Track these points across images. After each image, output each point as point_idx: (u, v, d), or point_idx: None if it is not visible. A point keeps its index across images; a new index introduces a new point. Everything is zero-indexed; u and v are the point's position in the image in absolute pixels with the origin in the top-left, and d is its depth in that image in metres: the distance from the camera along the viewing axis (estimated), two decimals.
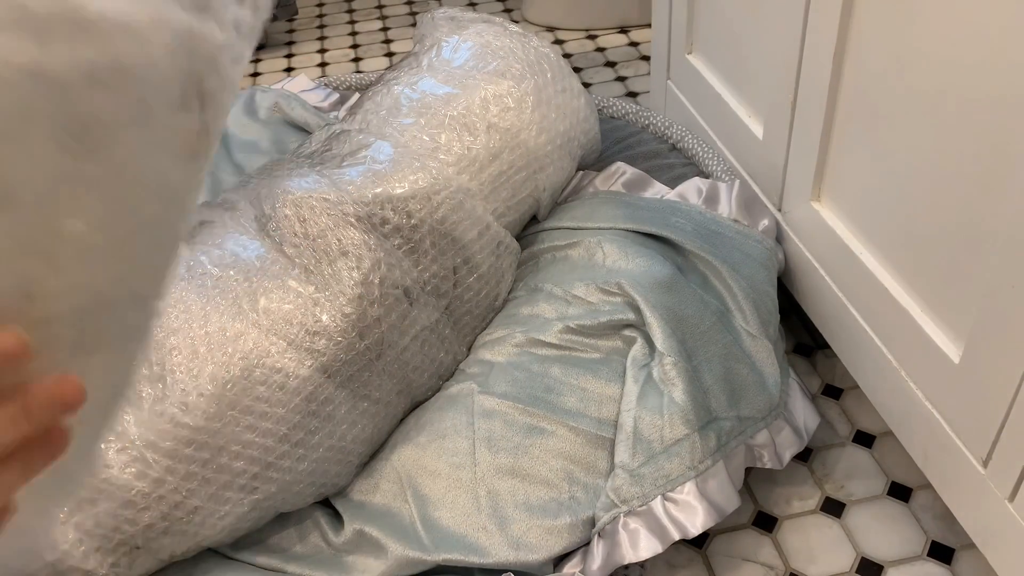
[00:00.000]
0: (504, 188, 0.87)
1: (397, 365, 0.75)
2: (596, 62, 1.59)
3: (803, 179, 0.82)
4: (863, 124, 0.72)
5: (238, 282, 0.70)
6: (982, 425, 0.62)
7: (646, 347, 0.77)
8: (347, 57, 1.72)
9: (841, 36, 0.71)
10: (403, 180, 0.79)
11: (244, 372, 0.66)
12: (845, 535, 0.78)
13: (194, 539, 0.67)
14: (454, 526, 0.70)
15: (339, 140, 0.86)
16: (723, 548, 0.79)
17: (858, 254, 0.75)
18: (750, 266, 0.85)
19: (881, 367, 0.75)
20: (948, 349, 0.65)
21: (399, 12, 1.89)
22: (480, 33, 0.94)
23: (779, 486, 0.83)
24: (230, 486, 0.66)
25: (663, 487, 0.70)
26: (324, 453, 0.70)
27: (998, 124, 0.56)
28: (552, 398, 0.76)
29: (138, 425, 0.63)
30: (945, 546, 0.77)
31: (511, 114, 0.88)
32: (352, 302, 0.72)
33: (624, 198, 0.94)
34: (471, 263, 0.82)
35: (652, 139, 1.08)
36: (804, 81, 0.78)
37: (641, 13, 1.66)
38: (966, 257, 0.62)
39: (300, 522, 0.73)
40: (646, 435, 0.72)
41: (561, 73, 0.93)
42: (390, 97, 0.89)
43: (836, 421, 0.89)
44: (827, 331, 0.86)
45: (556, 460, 0.72)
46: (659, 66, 1.17)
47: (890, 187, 0.70)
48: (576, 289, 0.83)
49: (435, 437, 0.75)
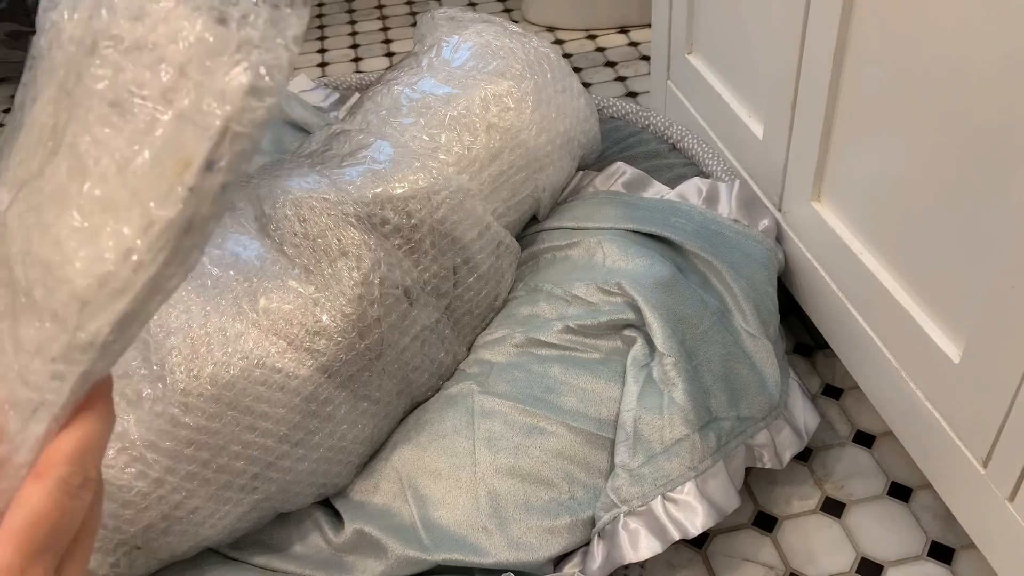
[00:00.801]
0: (504, 188, 0.87)
1: (397, 365, 0.75)
2: (596, 62, 1.59)
3: (803, 179, 0.82)
4: (863, 124, 0.72)
5: (238, 282, 0.70)
6: (982, 425, 0.62)
7: (646, 347, 0.77)
8: (347, 57, 1.72)
9: (841, 36, 0.71)
10: (403, 180, 0.79)
11: (244, 372, 0.66)
12: (845, 535, 0.78)
13: (194, 539, 0.67)
14: (454, 526, 0.70)
15: (339, 140, 0.86)
16: (723, 548, 0.79)
17: (858, 254, 0.75)
18: (750, 266, 0.85)
19: (881, 367, 0.75)
20: (948, 349, 0.65)
21: (399, 12, 1.89)
22: (480, 33, 0.94)
23: (779, 486, 0.83)
24: (230, 486, 0.66)
25: (663, 487, 0.70)
26: (324, 453, 0.70)
27: (998, 124, 0.56)
28: (552, 398, 0.76)
29: (138, 425, 0.63)
30: (945, 546, 0.77)
31: (511, 114, 0.88)
32: (352, 302, 0.72)
33: (624, 198, 0.94)
34: (471, 263, 0.82)
35: (652, 139, 1.08)
36: (804, 81, 0.78)
37: (641, 13, 1.66)
38: (966, 257, 0.62)
39: (300, 522, 0.73)
40: (646, 435, 0.72)
41: (561, 73, 0.93)
42: (390, 97, 0.89)
43: (836, 421, 0.89)
44: (827, 331, 0.86)
45: (556, 460, 0.72)
46: (659, 66, 1.17)
47: (890, 187, 0.70)
48: (576, 289, 0.83)
49: (435, 437, 0.75)
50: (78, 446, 0.28)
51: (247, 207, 0.78)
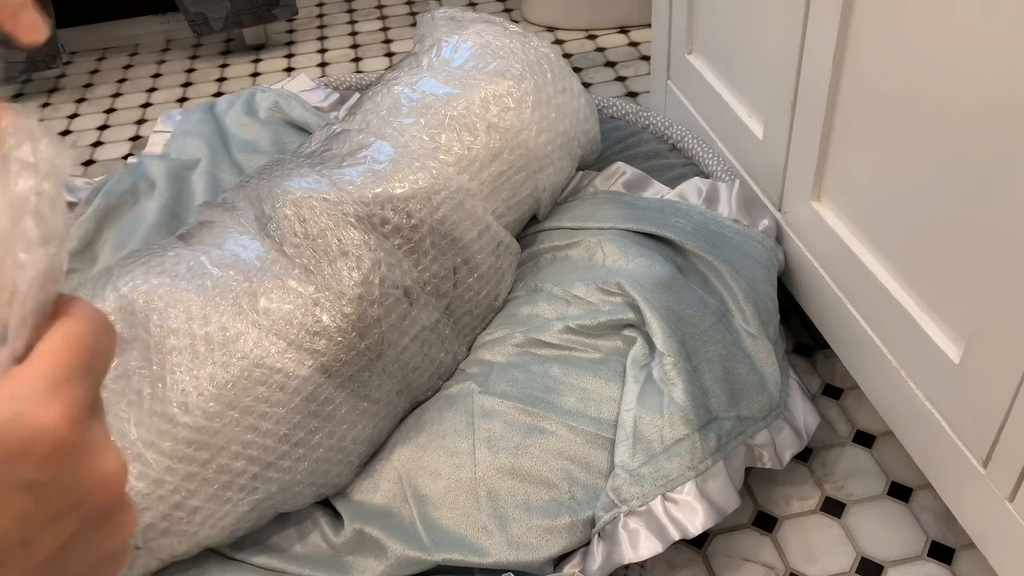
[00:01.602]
0: (504, 188, 0.87)
1: (397, 365, 0.75)
2: (596, 62, 1.59)
3: (803, 179, 0.82)
4: (863, 124, 0.72)
5: (238, 282, 0.70)
6: (982, 425, 0.62)
7: (646, 347, 0.77)
8: (347, 57, 1.72)
9: (841, 36, 0.71)
10: (403, 180, 0.79)
11: (244, 372, 0.66)
12: (845, 535, 0.78)
13: (194, 539, 0.67)
14: (454, 526, 0.70)
15: (339, 140, 0.86)
16: (723, 548, 0.79)
17: (858, 254, 0.75)
18: (750, 266, 0.85)
19: (881, 367, 0.75)
20: (948, 349, 0.65)
21: (399, 12, 1.89)
22: (480, 33, 0.94)
23: (779, 486, 0.83)
24: (230, 486, 0.66)
25: (663, 487, 0.70)
26: (324, 453, 0.70)
27: (998, 124, 0.56)
28: (552, 398, 0.76)
29: (138, 425, 0.63)
30: (945, 546, 0.77)
31: (511, 114, 0.88)
32: (352, 302, 0.72)
33: (624, 198, 0.94)
34: (471, 263, 0.82)
35: (652, 139, 1.08)
36: (804, 81, 0.78)
37: (641, 13, 1.66)
38: (966, 257, 0.62)
39: (300, 522, 0.73)
40: (646, 435, 0.72)
41: (561, 73, 0.93)
42: (390, 97, 0.89)
43: (836, 421, 0.89)
44: (827, 331, 0.86)
45: (556, 460, 0.72)
46: (659, 66, 1.17)
47: (890, 187, 0.70)
48: (576, 289, 0.83)
49: (435, 437, 0.75)
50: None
51: (247, 207, 0.78)
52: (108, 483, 0.25)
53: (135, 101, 1.64)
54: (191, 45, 1.84)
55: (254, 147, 1.13)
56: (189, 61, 1.77)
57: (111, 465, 0.25)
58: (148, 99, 1.65)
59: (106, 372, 0.26)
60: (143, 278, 0.70)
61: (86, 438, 0.24)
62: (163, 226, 1.00)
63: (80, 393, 0.24)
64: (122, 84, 1.71)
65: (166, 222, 1.01)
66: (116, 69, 1.77)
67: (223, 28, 1.68)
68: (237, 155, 1.11)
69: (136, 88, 1.69)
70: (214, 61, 1.76)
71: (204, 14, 1.65)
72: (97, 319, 0.26)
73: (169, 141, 1.16)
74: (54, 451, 0.23)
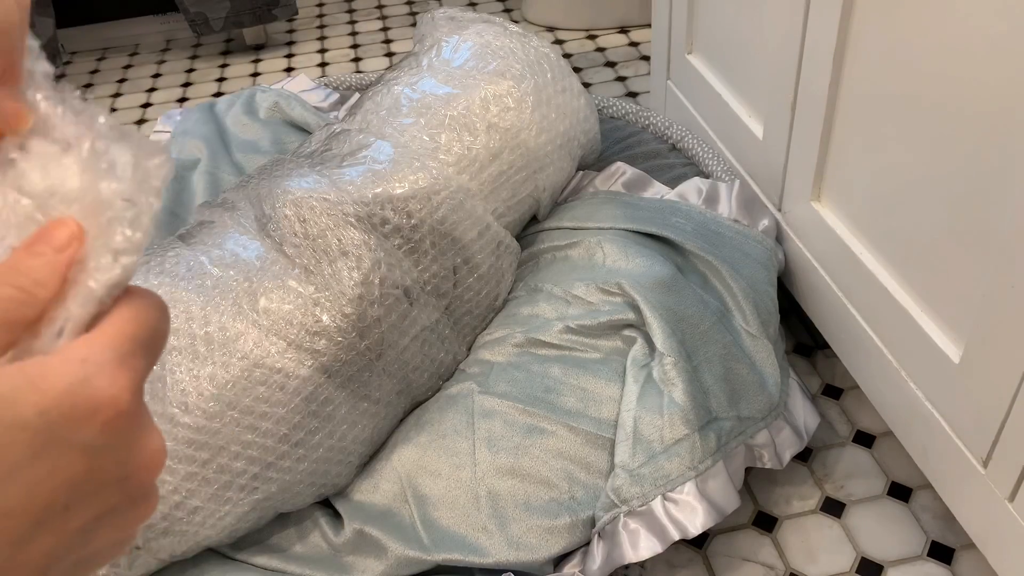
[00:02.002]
0: (504, 188, 0.87)
1: (397, 365, 0.75)
2: (596, 62, 1.59)
3: (803, 179, 0.82)
4: (863, 124, 0.72)
5: (238, 282, 0.70)
6: (982, 425, 0.62)
7: (646, 347, 0.77)
8: (347, 57, 1.72)
9: (841, 36, 0.71)
10: (403, 180, 0.79)
11: (244, 372, 0.66)
12: (845, 535, 0.78)
13: (194, 539, 0.67)
14: (454, 526, 0.70)
15: (339, 140, 0.86)
16: (723, 548, 0.79)
17: (858, 254, 0.75)
18: (750, 266, 0.85)
19: (881, 367, 0.75)
20: (948, 349, 0.65)
21: (399, 12, 1.89)
22: (480, 33, 0.94)
23: (779, 486, 0.83)
24: (230, 486, 0.66)
25: (663, 487, 0.70)
26: (324, 453, 0.70)
27: (998, 124, 0.56)
28: (552, 398, 0.76)
29: None
30: (945, 546, 0.77)
31: (511, 114, 0.88)
32: (352, 302, 0.72)
33: (624, 198, 0.94)
34: (471, 263, 0.82)
35: (652, 139, 1.08)
36: (804, 81, 0.78)
37: (641, 13, 1.66)
38: (966, 257, 0.62)
39: (300, 522, 0.73)
40: (646, 435, 0.72)
41: (561, 73, 0.93)
42: (390, 97, 0.89)
43: (836, 421, 0.89)
44: (827, 331, 0.86)
45: (556, 460, 0.72)
46: (659, 66, 1.17)
47: (890, 187, 0.70)
48: (576, 289, 0.83)
49: (435, 437, 0.75)
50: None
51: (247, 207, 0.78)
52: (154, 461, 0.25)
53: (135, 101, 1.64)
54: (191, 45, 1.84)
55: (254, 147, 1.13)
56: (189, 61, 1.77)
57: (157, 443, 0.25)
58: (148, 99, 1.65)
59: (161, 353, 0.26)
60: (143, 278, 0.70)
61: (142, 413, 0.25)
62: (163, 226, 1.00)
63: (142, 368, 0.24)
64: (122, 84, 1.71)
65: (166, 222, 1.01)
66: (116, 69, 1.77)
67: (223, 28, 1.68)
68: (237, 155, 1.11)
69: (136, 88, 1.69)
70: (214, 61, 1.76)
71: (204, 14, 1.65)
72: (159, 302, 0.26)
73: (169, 141, 1.16)
74: (116, 419, 0.23)
